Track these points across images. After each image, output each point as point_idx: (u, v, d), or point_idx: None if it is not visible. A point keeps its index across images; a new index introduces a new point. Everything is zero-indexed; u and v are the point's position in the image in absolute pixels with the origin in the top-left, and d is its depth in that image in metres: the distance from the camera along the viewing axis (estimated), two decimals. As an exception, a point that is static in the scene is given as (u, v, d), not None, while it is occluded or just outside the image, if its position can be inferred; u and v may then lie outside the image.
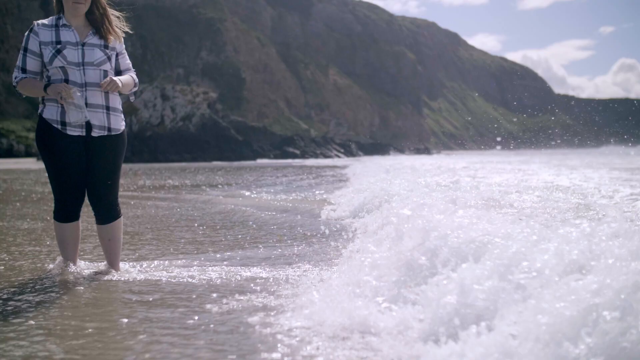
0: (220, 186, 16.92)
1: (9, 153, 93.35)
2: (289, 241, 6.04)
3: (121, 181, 4.64)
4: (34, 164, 51.77)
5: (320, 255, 5.10)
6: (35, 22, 4.22)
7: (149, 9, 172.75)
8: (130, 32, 4.48)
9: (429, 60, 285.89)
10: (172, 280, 4.13)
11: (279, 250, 5.46)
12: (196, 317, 3.09)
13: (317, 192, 13.01)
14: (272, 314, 3.07)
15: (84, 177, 4.30)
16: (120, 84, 4.19)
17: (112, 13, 4.35)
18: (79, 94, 4.05)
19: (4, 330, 2.89)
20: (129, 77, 4.42)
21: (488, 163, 24.26)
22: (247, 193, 13.19)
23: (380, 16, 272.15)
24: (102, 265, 4.55)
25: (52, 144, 4.20)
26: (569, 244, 2.49)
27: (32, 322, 3.05)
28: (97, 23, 4.26)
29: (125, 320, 3.07)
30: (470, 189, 5.92)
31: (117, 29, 4.35)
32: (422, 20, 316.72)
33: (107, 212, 4.41)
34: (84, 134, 4.21)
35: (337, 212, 8.08)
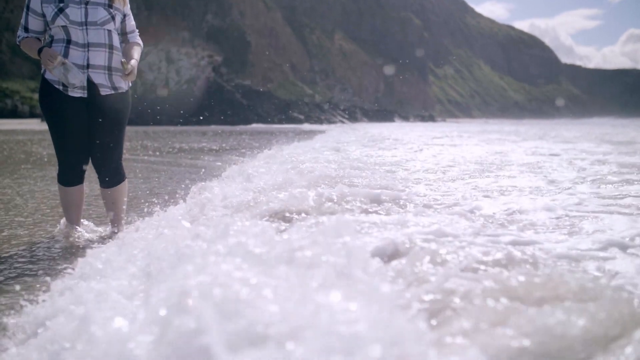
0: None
1: (13, 113, 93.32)
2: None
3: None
4: (38, 125, 51.64)
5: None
6: (39, -21, 4.11)
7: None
8: None
9: (435, 27, 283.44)
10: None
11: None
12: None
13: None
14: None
15: (87, 139, 4.24)
16: (135, 69, 4.28)
17: None
18: (64, 62, 3.96)
19: (9, 290, 2.88)
20: (137, 50, 4.42)
21: (478, 133, 23.84)
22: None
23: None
24: (104, 228, 4.51)
25: (54, 105, 4.13)
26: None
27: (34, 283, 3.03)
28: None
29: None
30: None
31: None
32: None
33: (110, 176, 4.35)
34: (85, 95, 4.14)
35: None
